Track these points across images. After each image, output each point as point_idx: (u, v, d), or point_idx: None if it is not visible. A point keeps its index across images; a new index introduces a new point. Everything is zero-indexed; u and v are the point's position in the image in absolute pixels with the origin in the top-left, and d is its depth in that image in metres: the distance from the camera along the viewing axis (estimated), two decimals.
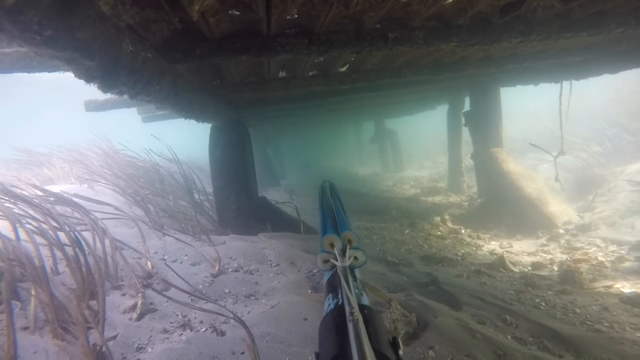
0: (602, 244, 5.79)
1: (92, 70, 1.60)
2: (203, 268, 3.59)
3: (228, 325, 2.75)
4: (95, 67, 1.56)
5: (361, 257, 1.03)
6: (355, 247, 1.06)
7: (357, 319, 0.68)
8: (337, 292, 0.90)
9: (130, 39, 1.83)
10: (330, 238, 1.05)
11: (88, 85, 1.83)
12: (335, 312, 0.82)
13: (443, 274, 4.44)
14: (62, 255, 2.69)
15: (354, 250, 1.03)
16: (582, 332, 3.08)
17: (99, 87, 1.76)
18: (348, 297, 0.76)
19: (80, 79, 1.70)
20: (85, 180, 6.13)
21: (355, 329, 0.66)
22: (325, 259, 1.04)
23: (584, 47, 5.02)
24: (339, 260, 0.98)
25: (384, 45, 2.98)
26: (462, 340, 2.66)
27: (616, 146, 10.91)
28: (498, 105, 8.34)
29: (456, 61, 4.88)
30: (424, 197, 10.74)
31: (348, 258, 0.99)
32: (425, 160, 19.93)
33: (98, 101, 5.06)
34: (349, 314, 0.71)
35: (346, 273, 0.91)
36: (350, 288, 0.80)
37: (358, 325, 0.67)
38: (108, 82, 1.75)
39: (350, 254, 1.01)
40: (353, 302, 0.74)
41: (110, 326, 2.47)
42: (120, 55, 1.72)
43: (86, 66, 1.53)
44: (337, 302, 0.85)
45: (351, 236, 1.08)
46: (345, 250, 1.02)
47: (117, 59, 1.71)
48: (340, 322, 0.75)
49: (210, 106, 3.94)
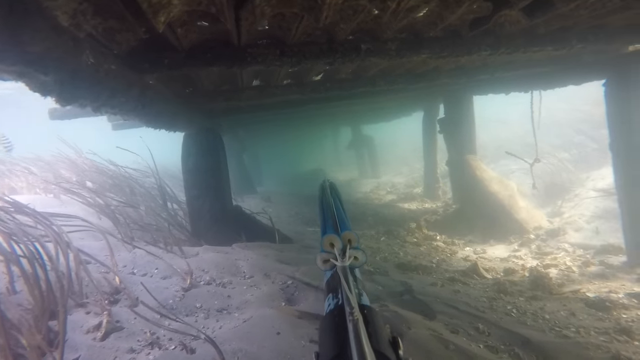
0: (570, 248, 5.98)
1: (47, 85, 1.52)
2: (174, 282, 3.48)
3: (199, 341, 2.67)
4: (51, 81, 1.49)
5: (361, 257, 1.03)
6: (355, 247, 1.06)
7: (357, 319, 0.68)
8: (337, 292, 0.90)
9: (91, 50, 1.76)
10: (330, 238, 1.05)
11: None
12: (335, 312, 0.81)
13: (418, 282, 4.48)
14: (20, 272, 2.55)
15: (354, 250, 1.04)
16: (551, 338, 3.15)
17: (56, 101, 1.68)
18: (348, 297, 0.76)
19: (35, 92, 1.62)
20: (51, 190, 5.88)
21: (355, 329, 0.66)
22: (325, 258, 1.04)
23: (550, 59, 5.20)
24: (339, 260, 0.98)
25: (356, 56, 2.99)
26: (435, 351, 2.67)
27: (582, 153, 11.36)
28: (471, 112, 8.54)
29: (429, 71, 4.97)
30: (400, 204, 10.85)
31: (348, 258, 0.99)
32: (402, 166, 20.18)
33: (63, 109, 4.87)
34: (349, 313, 0.71)
35: (346, 273, 0.91)
36: (350, 288, 0.80)
37: (358, 325, 0.67)
38: (65, 96, 1.68)
39: (350, 254, 1.01)
40: (353, 302, 0.74)
41: (71, 348, 2.35)
42: (79, 68, 1.65)
43: (40, 81, 1.45)
44: (337, 302, 0.85)
45: (351, 236, 1.08)
46: (345, 250, 1.03)
47: (76, 72, 1.64)
48: (340, 322, 0.75)
49: (181, 116, 3.85)
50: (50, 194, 5.78)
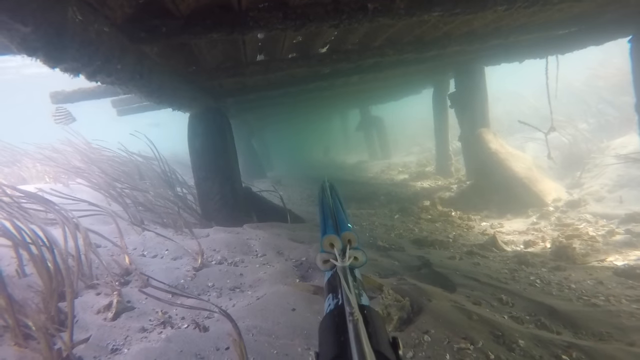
0: (592, 219, 5.77)
1: (31, 40, 1.39)
2: (185, 262, 3.41)
3: (212, 320, 2.60)
4: (33, 35, 1.36)
5: (361, 257, 1.03)
6: (355, 247, 1.06)
7: (357, 319, 0.68)
8: (337, 292, 0.90)
9: (78, 7, 1.62)
10: (330, 238, 1.05)
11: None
12: (335, 312, 0.81)
13: (435, 256, 4.34)
14: (28, 255, 2.49)
15: (354, 251, 1.03)
16: (579, 307, 3.00)
17: (43, 61, 1.56)
18: (348, 297, 0.76)
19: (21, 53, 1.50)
20: (60, 178, 5.85)
21: (355, 329, 0.66)
22: (325, 259, 1.04)
23: (568, 18, 4.91)
24: (338, 260, 0.97)
25: (363, 17, 2.81)
26: (458, 322, 2.55)
27: (601, 122, 10.94)
28: (483, 85, 8.24)
29: (439, 37, 4.73)
30: (413, 182, 10.66)
31: (348, 258, 0.99)
32: (413, 146, 19.88)
33: (65, 92, 4.76)
34: (349, 314, 0.70)
35: (346, 273, 0.90)
36: (350, 288, 0.80)
37: (358, 326, 0.66)
38: (53, 55, 1.55)
39: (350, 254, 1.01)
40: (353, 302, 0.73)
41: (82, 328, 2.29)
42: (65, 24, 1.52)
43: (21, 34, 1.33)
44: (337, 302, 0.85)
45: (351, 236, 1.08)
46: (345, 251, 1.03)
47: (62, 28, 1.50)
48: (340, 322, 0.75)
49: (185, 92, 3.72)
50: (60, 183, 5.76)
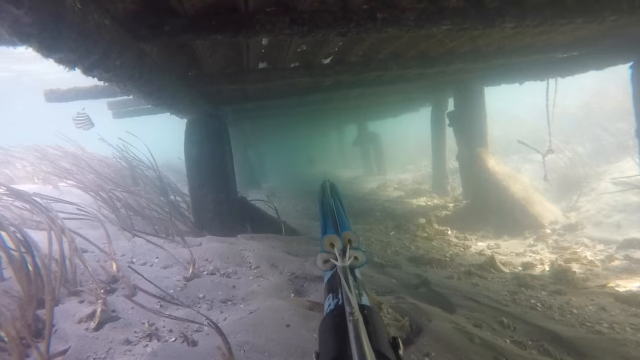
0: (589, 243, 5.71)
1: (24, 24, 1.30)
2: (175, 271, 3.26)
3: (201, 333, 2.45)
4: (27, 18, 1.27)
5: (361, 257, 1.03)
6: (356, 247, 1.06)
7: (357, 319, 0.68)
8: (337, 292, 0.90)
9: None
10: (331, 238, 1.04)
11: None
12: (335, 312, 0.81)
13: (433, 275, 4.23)
14: (6, 258, 2.34)
15: (354, 251, 1.03)
16: (583, 333, 2.90)
17: (36, 49, 1.46)
18: (348, 297, 0.75)
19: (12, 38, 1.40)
20: (50, 180, 5.69)
21: (355, 329, 0.66)
22: (325, 259, 1.03)
23: (571, 42, 4.94)
24: (339, 260, 0.97)
25: (372, 26, 2.76)
26: (459, 345, 2.43)
27: (597, 146, 11.01)
28: (482, 104, 8.26)
29: (444, 54, 4.72)
30: (409, 199, 10.59)
31: (348, 258, 0.98)
32: (408, 164, 19.89)
33: (60, 91, 4.64)
34: (349, 314, 0.70)
35: (346, 273, 0.90)
36: (350, 288, 0.79)
37: (358, 326, 0.66)
38: (48, 43, 1.46)
39: (350, 254, 1.00)
40: (353, 302, 0.73)
41: (61, 338, 2.13)
42: (63, 10, 1.43)
43: (14, 15, 1.23)
44: (337, 302, 0.85)
45: (351, 236, 1.08)
46: (346, 250, 1.02)
47: (59, 14, 1.41)
48: (340, 322, 0.74)
49: (184, 96, 3.63)
50: (49, 185, 5.59)
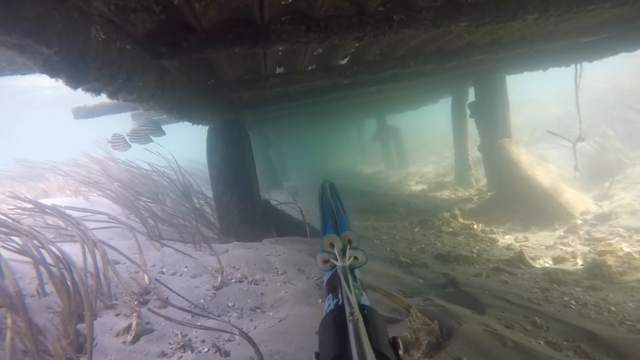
0: (625, 233, 5.48)
1: (54, 62, 1.35)
2: (204, 280, 3.34)
3: (232, 343, 2.50)
4: (57, 56, 1.31)
5: (361, 257, 1.03)
6: (355, 247, 1.06)
7: (357, 319, 0.68)
8: (337, 292, 0.90)
9: (100, 25, 1.58)
10: (331, 238, 1.05)
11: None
12: (335, 312, 0.81)
13: (460, 273, 4.17)
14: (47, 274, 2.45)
15: (354, 250, 1.03)
16: (623, 333, 2.80)
17: (65, 82, 1.52)
18: (348, 297, 0.76)
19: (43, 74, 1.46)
20: (81, 191, 5.90)
21: (355, 329, 0.66)
22: (325, 259, 1.04)
23: (597, 25, 4.73)
24: (339, 260, 0.97)
25: (389, 28, 2.72)
26: (492, 349, 2.39)
27: (630, 129, 10.50)
28: (504, 93, 8.04)
29: (463, 47, 4.61)
30: (432, 193, 10.45)
31: (348, 258, 0.99)
32: (430, 156, 19.59)
33: (87, 107, 4.80)
34: (349, 314, 0.71)
35: (346, 273, 0.90)
36: (350, 288, 0.80)
37: (358, 325, 0.67)
38: (76, 77, 1.51)
39: (350, 254, 1.01)
40: (353, 302, 0.74)
41: (101, 352, 2.22)
42: (88, 43, 1.47)
43: (45, 55, 1.28)
44: (337, 302, 0.85)
45: (351, 236, 1.08)
46: (346, 250, 1.02)
47: (85, 48, 1.46)
48: (340, 322, 0.75)
49: (204, 106, 3.69)
50: (80, 196, 5.80)
